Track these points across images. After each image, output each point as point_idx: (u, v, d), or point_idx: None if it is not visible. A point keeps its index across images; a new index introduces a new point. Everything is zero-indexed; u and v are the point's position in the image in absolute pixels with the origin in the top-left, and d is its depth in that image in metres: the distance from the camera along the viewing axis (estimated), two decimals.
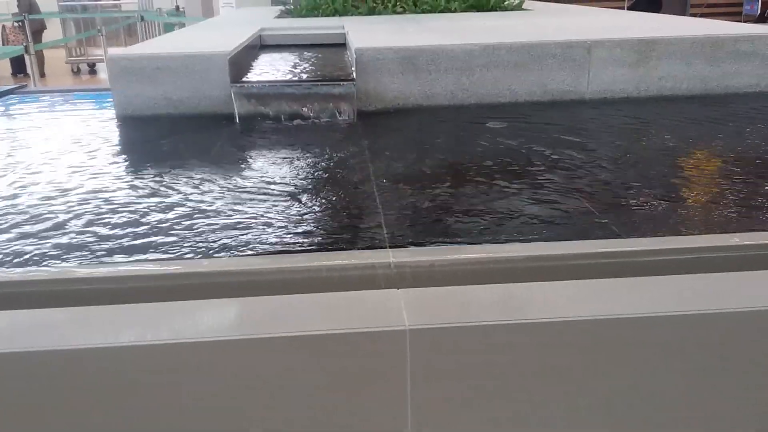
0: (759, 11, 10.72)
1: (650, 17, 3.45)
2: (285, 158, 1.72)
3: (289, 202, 1.37)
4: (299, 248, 1.14)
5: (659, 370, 0.91)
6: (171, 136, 2.02)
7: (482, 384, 0.89)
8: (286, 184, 1.50)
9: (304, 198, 1.40)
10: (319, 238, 1.19)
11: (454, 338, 0.86)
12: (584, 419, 0.92)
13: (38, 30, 10.37)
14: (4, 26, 10.72)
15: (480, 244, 1.15)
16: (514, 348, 0.88)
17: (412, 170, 1.59)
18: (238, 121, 2.12)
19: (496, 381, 0.89)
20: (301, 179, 1.54)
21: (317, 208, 1.34)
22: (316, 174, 1.59)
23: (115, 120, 2.19)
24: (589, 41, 2.31)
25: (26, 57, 6.99)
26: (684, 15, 9.34)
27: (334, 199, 1.42)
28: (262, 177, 1.55)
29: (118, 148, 1.91)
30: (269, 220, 1.26)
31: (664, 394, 0.92)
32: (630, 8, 8.44)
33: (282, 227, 1.23)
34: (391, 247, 1.13)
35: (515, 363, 0.88)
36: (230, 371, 0.85)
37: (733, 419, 0.95)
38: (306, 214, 1.31)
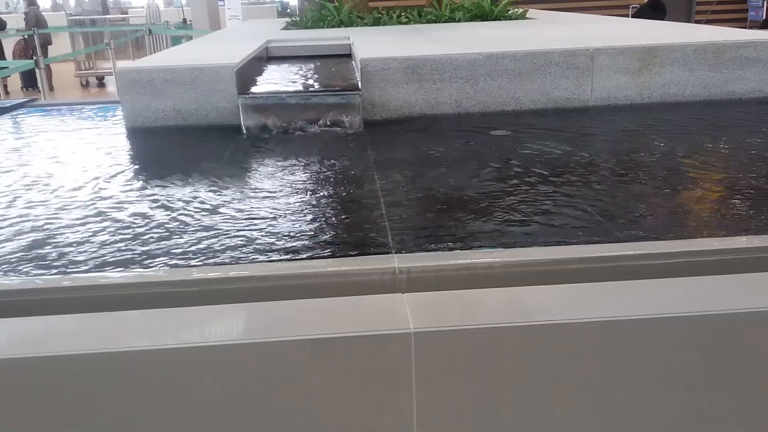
0: (764, 17, 10.71)
1: (653, 25, 3.47)
2: (291, 168, 1.75)
3: (295, 210, 1.40)
4: (306, 255, 1.16)
5: (663, 371, 0.92)
6: (180, 147, 2.05)
7: (486, 386, 0.91)
8: (292, 193, 1.52)
9: (310, 206, 1.43)
10: (326, 245, 1.21)
11: (458, 341, 0.88)
12: (587, 420, 0.93)
13: (44, 44, 10.46)
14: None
15: (483, 249, 1.17)
16: (517, 350, 0.89)
17: (416, 177, 1.61)
18: (245, 131, 2.15)
19: (500, 383, 0.91)
20: (307, 188, 1.56)
21: (323, 216, 1.37)
22: (322, 183, 1.61)
23: (125, 132, 2.23)
24: (592, 49, 2.33)
25: (36, 71, 7.08)
26: (689, 21, 9.35)
27: (339, 205, 1.44)
28: (268, 186, 1.57)
29: (127, 160, 1.95)
30: (277, 228, 1.29)
31: (668, 394, 0.93)
32: (634, 16, 8.45)
33: (289, 235, 1.25)
34: (396, 252, 1.15)
35: (519, 365, 0.90)
36: (239, 374, 0.87)
37: (735, 420, 0.96)
38: (313, 221, 1.33)
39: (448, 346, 0.89)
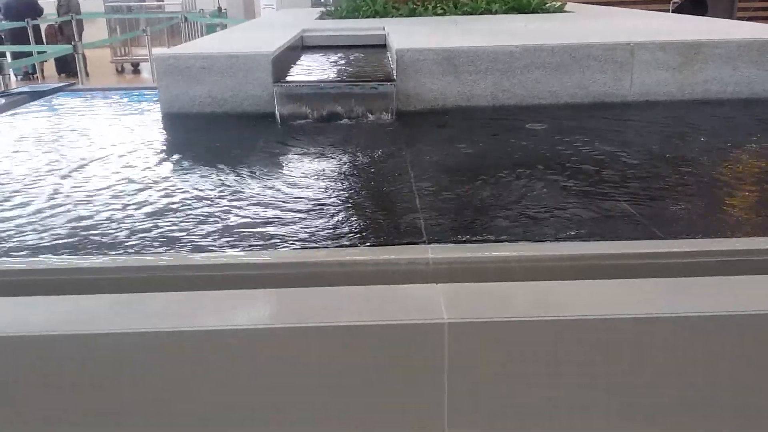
0: None
1: (694, 20, 3.39)
2: (325, 157, 1.75)
3: (329, 200, 1.40)
4: (340, 243, 1.17)
5: (700, 369, 0.90)
6: (215, 133, 2.07)
7: (518, 378, 0.90)
8: (326, 181, 1.52)
9: (344, 195, 1.43)
10: (360, 233, 1.21)
11: (492, 333, 0.88)
12: (623, 415, 0.92)
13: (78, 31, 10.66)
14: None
15: (517, 242, 1.16)
16: (550, 344, 0.88)
17: (449, 168, 1.60)
18: (279, 120, 2.15)
19: (533, 376, 0.90)
20: (341, 178, 1.56)
21: (358, 205, 1.37)
22: (355, 172, 1.61)
23: (161, 117, 2.25)
24: (632, 43, 2.28)
25: (76, 56, 7.20)
26: (731, 18, 9.13)
27: (373, 194, 1.44)
28: (302, 175, 1.58)
29: (164, 144, 1.97)
30: (311, 217, 1.29)
31: (705, 391, 0.91)
32: (675, 11, 8.29)
33: (323, 223, 1.26)
34: (429, 242, 1.14)
35: (552, 359, 0.89)
36: (271, 359, 0.88)
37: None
38: (346, 210, 1.33)
39: (481, 337, 0.88)
